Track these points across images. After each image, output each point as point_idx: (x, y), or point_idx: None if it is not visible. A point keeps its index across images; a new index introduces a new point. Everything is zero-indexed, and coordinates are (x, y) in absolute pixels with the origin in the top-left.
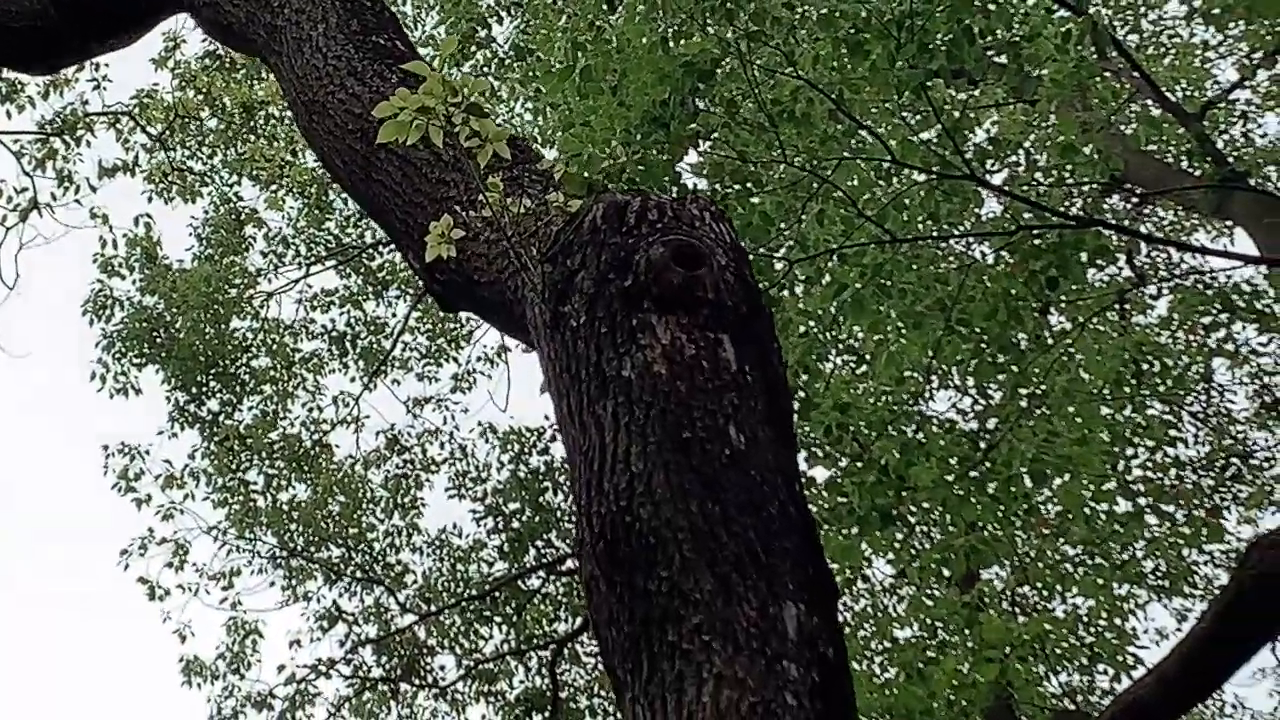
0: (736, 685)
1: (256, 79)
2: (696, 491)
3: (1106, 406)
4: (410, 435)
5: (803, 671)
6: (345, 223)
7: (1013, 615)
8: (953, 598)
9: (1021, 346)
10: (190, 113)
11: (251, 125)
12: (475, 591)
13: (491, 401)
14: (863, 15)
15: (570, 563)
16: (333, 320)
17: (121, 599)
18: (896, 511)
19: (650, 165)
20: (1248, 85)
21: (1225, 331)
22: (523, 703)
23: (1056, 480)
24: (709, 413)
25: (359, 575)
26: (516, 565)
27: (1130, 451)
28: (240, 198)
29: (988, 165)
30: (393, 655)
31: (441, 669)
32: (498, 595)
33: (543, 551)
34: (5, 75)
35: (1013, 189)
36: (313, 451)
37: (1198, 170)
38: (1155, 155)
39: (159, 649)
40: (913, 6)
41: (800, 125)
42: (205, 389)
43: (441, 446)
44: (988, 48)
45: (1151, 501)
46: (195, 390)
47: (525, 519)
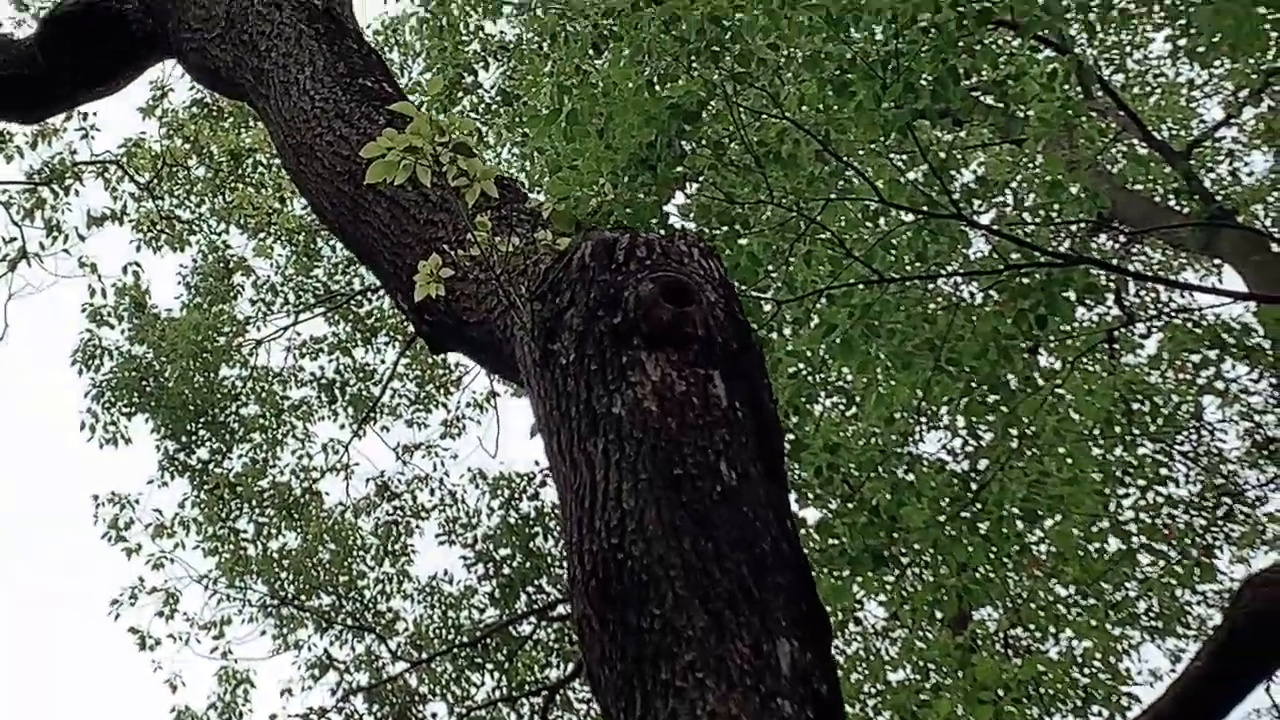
0: None
1: (244, 126)
2: (688, 528)
3: (1097, 446)
4: (400, 482)
5: (797, 708)
6: (334, 270)
7: (1006, 657)
8: (945, 639)
9: (1011, 386)
10: (178, 161)
11: (239, 173)
12: (466, 638)
13: (481, 447)
14: (848, 56)
15: (562, 608)
16: (322, 367)
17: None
18: (888, 552)
19: (637, 207)
20: (1234, 123)
21: (1215, 369)
22: None
23: (1048, 521)
24: (700, 449)
25: (350, 623)
26: (508, 611)
27: (1121, 491)
28: (228, 246)
29: (975, 205)
30: (384, 703)
31: (434, 717)
32: (489, 642)
33: (534, 597)
34: None
35: (1000, 228)
36: (303, 499)
37: (1185, 208)
38: (1143, 194)
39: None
40: (898, 47)
41: (787, 166)
42: (195, 437)
43: (431, 493)
44: (973, 88)
45: (1144, 541)
46: (185, 439)
47: (516, 565)
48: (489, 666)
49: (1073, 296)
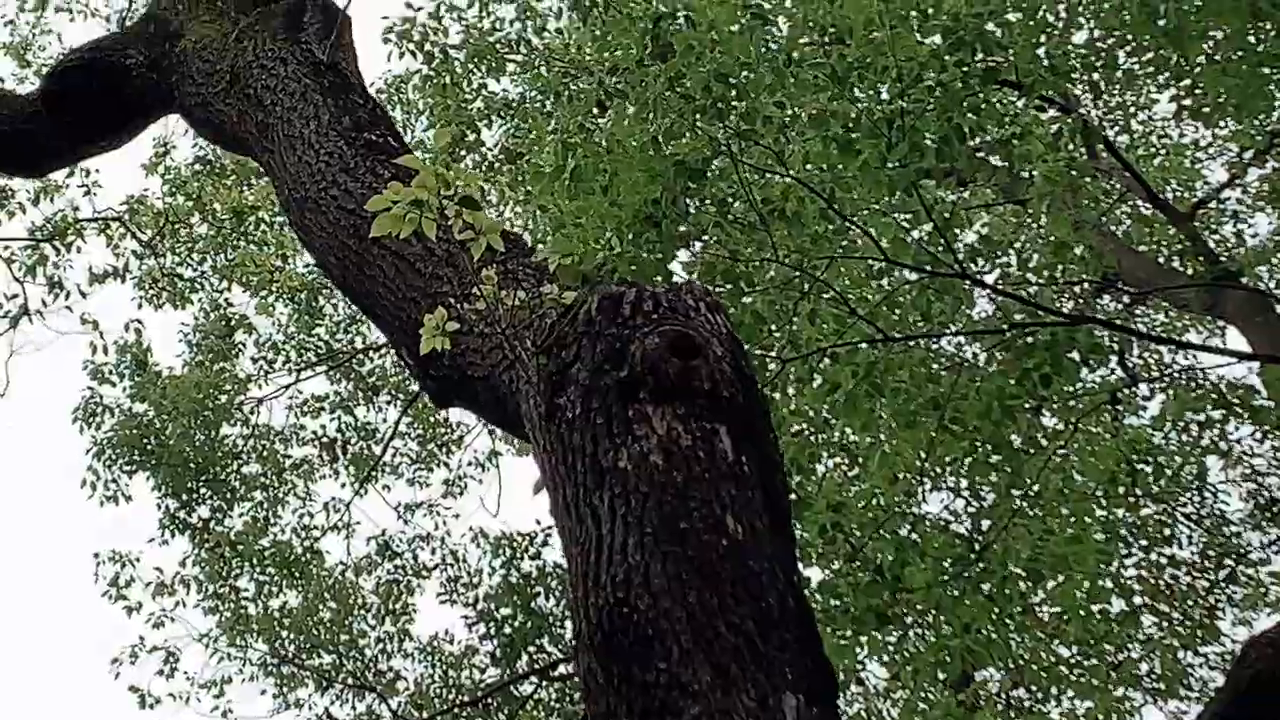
0: None
1: (247, 184)
2: (694, 582)
3: (1100, 507)
4: (401, 541)
5: None
6: (335, 328)
7: (1009, 718)
8: (948, 700)
9: (1015, 446)
10: (180, 218)
11: (242, 230)
12: (468, 698)
13: (483, 506)
14: (853, 115)
15: (563, 668)
16: (323, 426)
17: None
18: (891, 612)
19: (642, 264)
20: (1238, 184)
21: (1219, 430)
22: None
23: (1051, 582)
24: (706, 503)
25: (351, 682)
26: (509, 671)
27: (1125, 551)
28: (230, 303)
29: (979, 264)
30: None
31: None
32: (490, 702)
33: (535, 657)
34: None
35: (1004, 288)
36: (303, 558)
37: (1189, 269)
38: (1147, 254)
39: None
40: (903, 106)
41: (791, 224)
42: (196, 495)
43: (433, 552)
44: (978, 147)
45: (1147, 601)
46: (186, 497)
47: (517, 624)
48: None
49: (1077, 357)
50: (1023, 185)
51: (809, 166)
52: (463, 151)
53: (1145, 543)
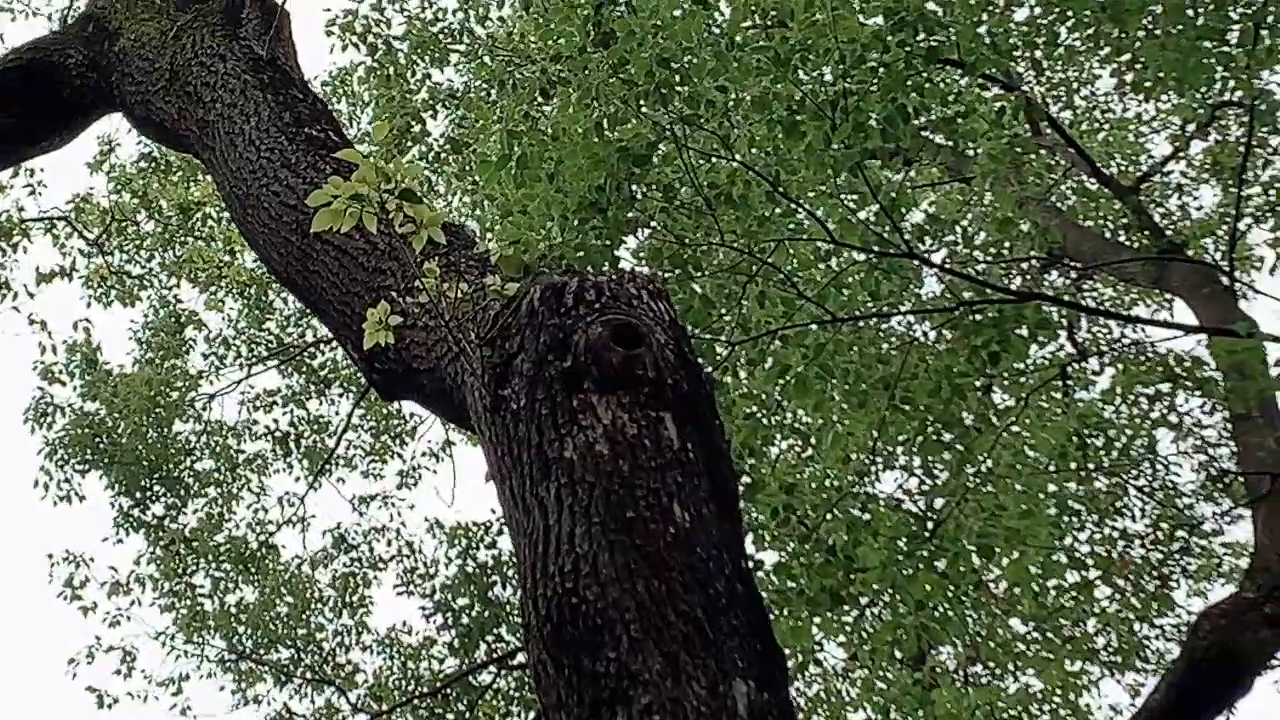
0: None
1: (193, 180)
2: (642, 571)
3: (1052, 481)
4: (357, 533)
5: None
6: (286, 322)
7: (966, 694)
8: (905, 679)
9: (965, 423)
10: (127, 216)
11: (189, 227)
12: (427, 689)
13: (438, 496)
14: (797, 97)
15: (521, 657)
16: (276, 420)
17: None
18: (846, 592)
19: (588, 251)
20: (1181, 157)
21: (1168, 403)
22: None
23: (1005, 558)
24: (652, 491)
25: (309, 676)
26: (467, 661)
27: (1077, 525)
28: (179, 300)
29: (926, 243)
30: None
31: None
32: (449, 692)
33: (493, 646)
34: None
35: (952, 266)
36: (259, 553)
37: (1135, 243)
38: (1093, 229)
39: None
40: (846, 87)
41: (738, 208)
42: (149, 493)
43: (389, 544)
44: (922, 127)
45: (1100, 574)
46: (139, 495)
47: (475, 614)
48: (450, 717)
49: (1025, 333)
50: (968, 163)
51: (754, 150)
52: (409, 142)
53: (1097, 516)
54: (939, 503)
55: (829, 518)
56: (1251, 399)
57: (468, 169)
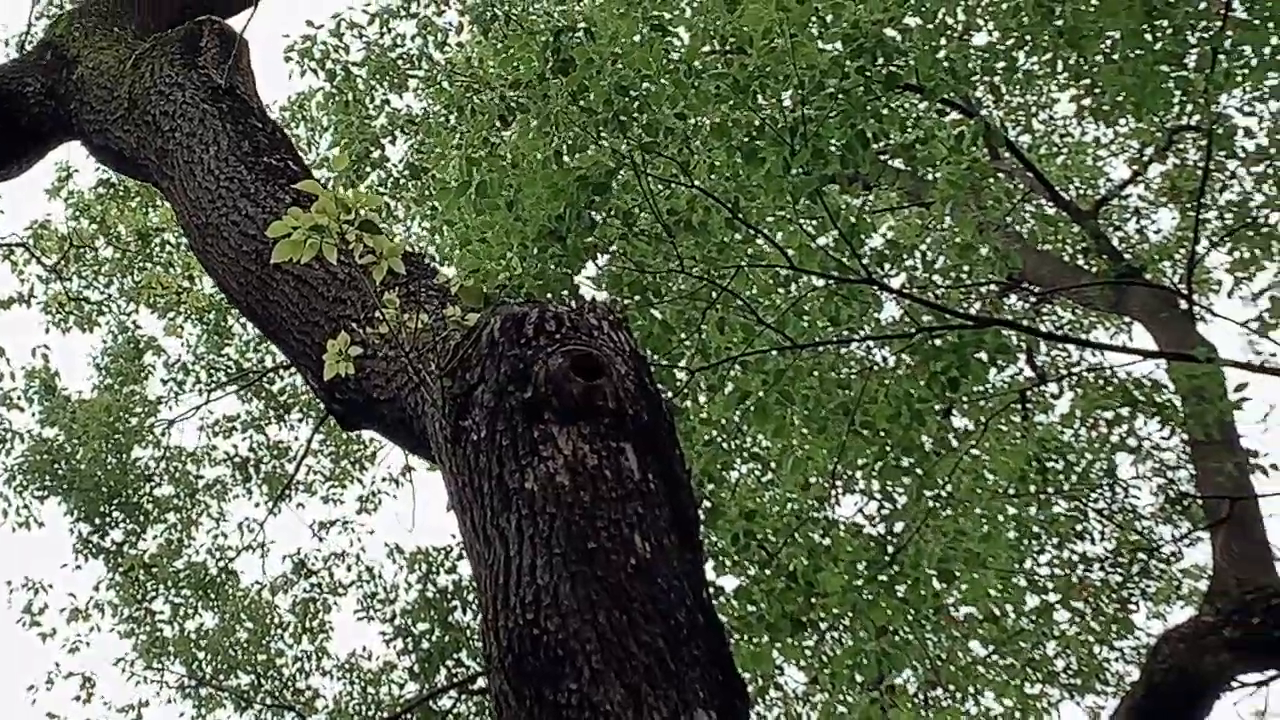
0: None
1: (151, 206)
2: (603, 602)
3: (1012, 505)
4: (317, 559)
5: None
6: (245, 347)
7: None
8: (864, 701)
9: (925, 448)
10: (85, 242)
11: (148, 252)
12: (387, 714)
13: (398, 522)
14: (756, 123)
15: (481, 681)
16: (235, 446)
17: None
18: (807, 618)
19: (548, 279)
20: (1140, 181)
21: (1128, 426)
22: None
23: (964, 584)
24: (613, 522)
25: (269, 702)
26: (428, 686)
27: (1037, 548)
28: (138, 326)
29: (885, 268)
30: None
31: None
32: (410, 717)
33: (454, 671)
34: None
35: (911, 291)
36: (219, 579)
37: (1094, 267)
38: (1052, 253)
39: None
40: (805, 113)
41: (697, 234)
42: (108, 519)
43: (349, 569)
44: (881, 152)
45: (1060, 598)
46: (98, 521)
47: (435, 639)
48: None
49: (984, 358)
50: (927, 188)
51: (713, 176)
52: (368, 168)
53: (1057, 539)
54: (899, 527)
55: (789, 543)
56: (1211, 423)
57: (427, 194)
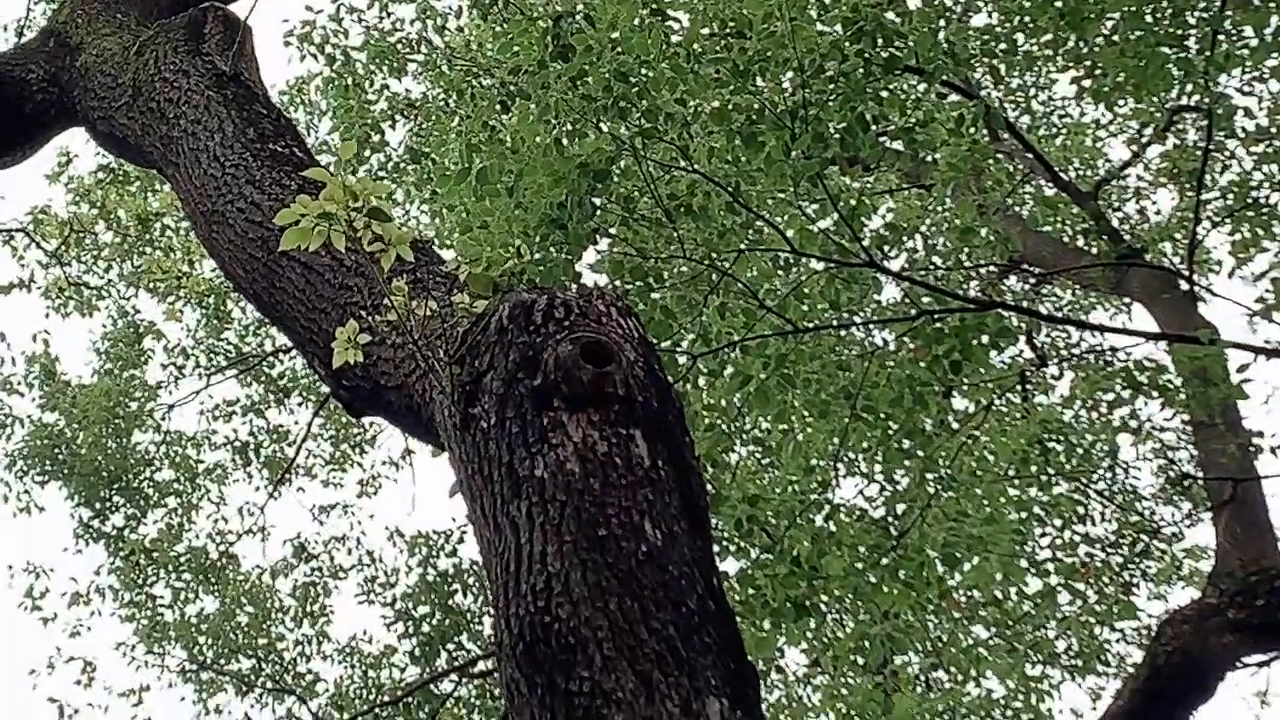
0: None
1: (151, 190)
2: (615, 589)
3: (1014, 487)
4: (317, 543)
5: None
6: (244, 331)
7: (928, 699)
8: (867, 684)
9: (927, 431)
10: (85, 227)
11: (148, 237)
12: (388, 698)
13: (398, 505)
14: (756, 107)
15: (483, 665)
16: (235, 430)
17: None
18: (810, 602)
19: (550, 265)
20: (1140, 162)
21: (1129, 408)
22: None
23: (967, 565)
24: (624, 509)
25: (270, 686)
26: (428, 669)
27: (1039, 530)
28: (138, 310)
29: (886, 251)
30: None
31: None
32: (411, 701)
33: (454, 655)
34: None
35: (912, 274)
36: (219, 563)
37: (1094, 248)
38: (1052, 235)
39: None
40: (805, 97)
41: (698, 219)
42: (109, 504)
43: (349, 553)
44: (881, 134)
45: (1063, 580)
46: (99, 506)
47: (436, 622)
48: None
49: (985, 340)
50: (927, 171)
51: (713, 161)
52: (368, 152)
53: (1059, 521)
54: (901, 510)
55: (792, 527)
56: (1214, 405)
57: (427, 179)
